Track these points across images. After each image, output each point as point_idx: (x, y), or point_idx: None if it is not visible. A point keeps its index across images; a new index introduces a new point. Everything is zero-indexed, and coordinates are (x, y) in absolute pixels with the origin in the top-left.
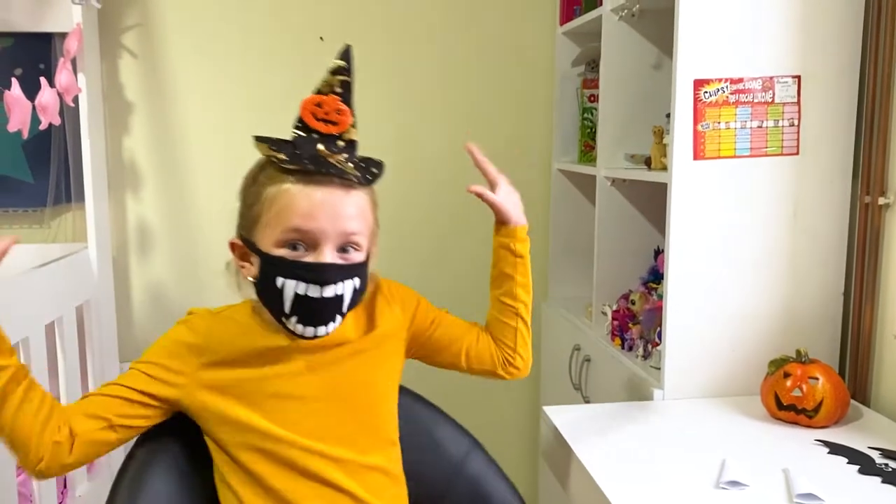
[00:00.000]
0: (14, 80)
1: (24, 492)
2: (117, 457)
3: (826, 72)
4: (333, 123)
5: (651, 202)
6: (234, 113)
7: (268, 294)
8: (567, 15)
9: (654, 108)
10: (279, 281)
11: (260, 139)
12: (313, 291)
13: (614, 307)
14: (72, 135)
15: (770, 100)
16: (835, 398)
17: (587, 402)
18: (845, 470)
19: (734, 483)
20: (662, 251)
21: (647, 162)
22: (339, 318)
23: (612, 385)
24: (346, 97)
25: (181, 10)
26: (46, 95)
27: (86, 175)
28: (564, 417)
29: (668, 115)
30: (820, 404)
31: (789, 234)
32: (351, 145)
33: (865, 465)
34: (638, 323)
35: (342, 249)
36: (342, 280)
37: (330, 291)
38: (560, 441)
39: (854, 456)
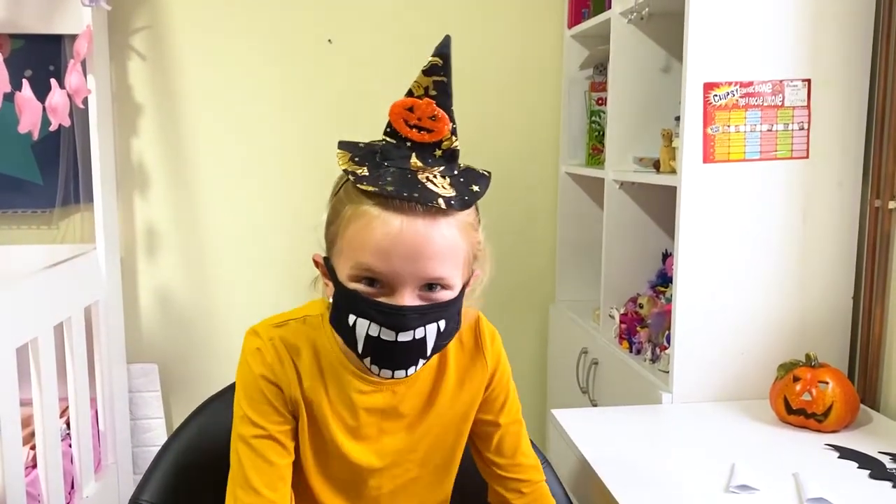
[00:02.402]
0: (25, 82)
1: (32, 492)
2: (125, 457)
3: (836, 75)
4: (428, 131)
5: (660, 205)
6: (242, 114)
7: (341, 328)
8: (575, 18)
9: (663, 111)
10: (352, 318)
11: (344, 146)
12: (387, 335)
13: (622, 310)
14: (81, 136)
15: (780, 103)
16: (844, 402)
17: (595, 405)
18: (856, 475)
19: (744, 487)
20: (671, 254)
21: (656, 165)
22: (421, 361)
23: (619, 388)
24: (443, 101)
25: (190, 12)
26: (57, 97)
27: (94, 176)
28: (573, 421)
29: (678, 118)
30: (829, 409)
31: (799, 237)
32: (451, 156)
33: (876, 469)
34: (646, 326)
35: (427, 287)
36: (423, 325)
37: (407, 336)
38: (569, 444)
39: (864, 461)
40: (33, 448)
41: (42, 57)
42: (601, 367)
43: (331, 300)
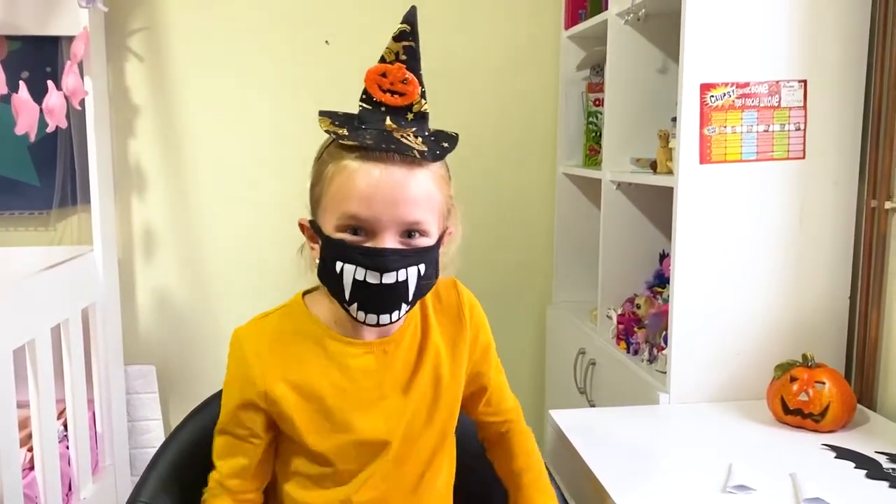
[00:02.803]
0: (22, 83)
1: (29, 494)
2: (123, 459)
3: (832, 76)
4: (400, 94)
5: (657, 206)
6: (240, 115)
7: (329, 279)
8: (572, 19)
9: (660, 112)
10: (339, 266)
11: (324, 114)
12: (372, 278)
13: (619, 311)
14: (78, 138)
15: (776, 104)
16: (841, 402)
17: (592, 405)
18: (852, 474)
19: (741, 487)
20: (668, 255)
21: (653, 166)
22: (404, 306)
23: (617, 389)
24: (413, 65)
25: (187, 13)
26: (53, 98)
27: (92, 178)
28: (570, 421)
29: (674, 119)
30: (826, 409)
31: (795, 238)
32: (422, 118)
33: (873, 469)
34: (643, 327)
35: (407, 234)
36: (404, 267)
37: (390, 278)
38: (566, 445)
39: (861, 460)
40: (30, 450)
41: (39, 59)
42: (599, 368)
43: (318, 261)
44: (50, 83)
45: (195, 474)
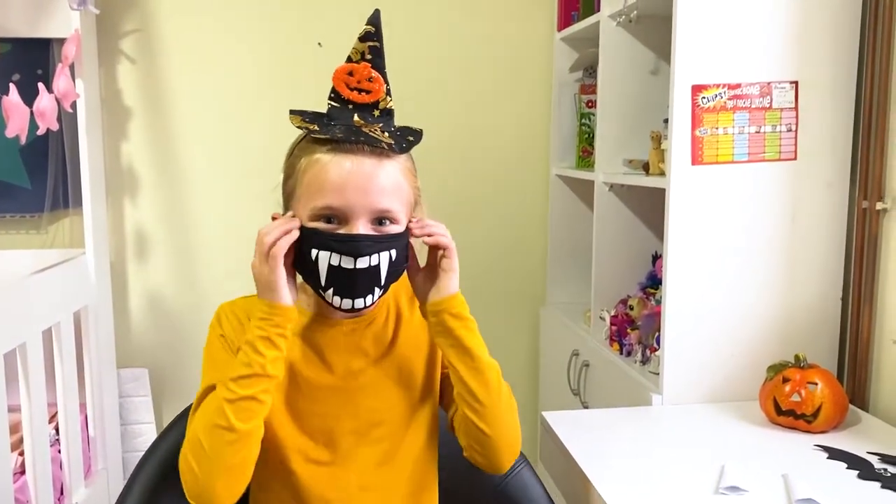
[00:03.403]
0: (12, 86)
1: (21, 498)
2: (115, 462)
3: (823, 77)
4: (367, 92)
5: (649, 207)
6: (232, 118)
7: (305, 267)
8: (565, 20)
9: (652, 114)
10: (314, 253)
11: (294, 112)
12: (346, 263)
13: (613, 312)
14: (70, 140)
15: (768, 105)
16: (833, 403)
17: (586, 407)
18: (844, 475)
19: (734, 488)
20: (661, 256)
21: (646, 167)
22: (377, 290)
23: (610, 390)
24: (378, 63)
25: (179, 16)
26: (44, 101)
27: (83, 180)
28: (563, 423)
29: (666, 121)
30: (819, 409)
31: (787, 239)
32: (387, 114)
33: (864, 470)
34: (636, 328)
35: (377, 221)
36: (377, 252)
37: (363, 263)
38: (559, 446)
39: (853, 461)
40: (22, 454)
41: (30, 61)
42: (592, 369)
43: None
44: (41, 86)
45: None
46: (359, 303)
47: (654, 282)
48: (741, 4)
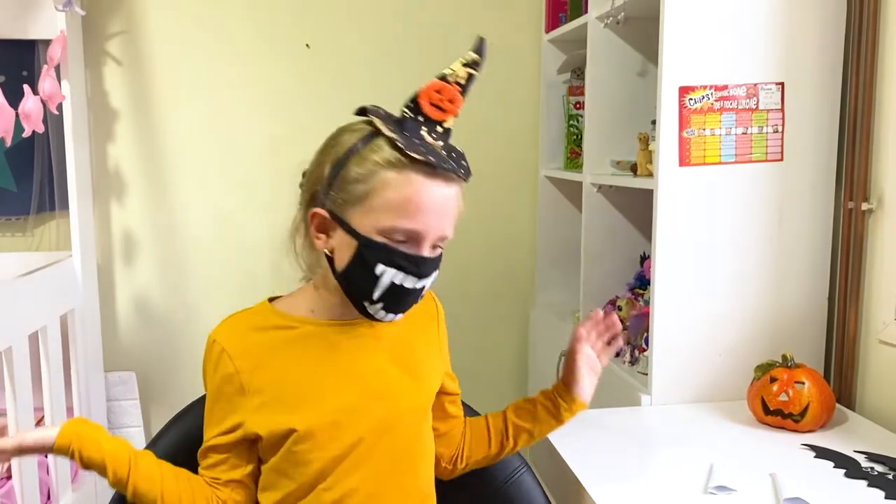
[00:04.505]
0: None
1: (7, 503)
2: None
3: (809, 79)
4: (443, 111)
5: (637, 208)
6: (219, 119)
7: (356, 276)
8: (553, 22)
9: (640, 115)
10: (380, 268)
11: (373, 111)
12: (409, 283)
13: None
14: (56, 142)
15: (754, 106)
16: (821, 402)
17: None
18: (832, 474)
19: (722, 488)
20: (649, 257)
21: (633, 168)
22: (412, 305)
23: (599, 391)
24: (467, 89)
25: (166, 17)
26: (30, 103)
27: (70, 183)
28: None
29: (654, 122)
30: (806, 409)
31: (774, 239)
32: (447, 133)
33: (851, 468)
34: (625, 329)
35: (434, 244)
36: (432, 273)
37: (421, 283)
38: (548, 446)
39: (840, 460)
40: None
41: (15, 62)
42: None
43: (327, 252)
44: (26, 87)
45: None
46: (399, 317)
47: (642, 282)
48: (728, 6)
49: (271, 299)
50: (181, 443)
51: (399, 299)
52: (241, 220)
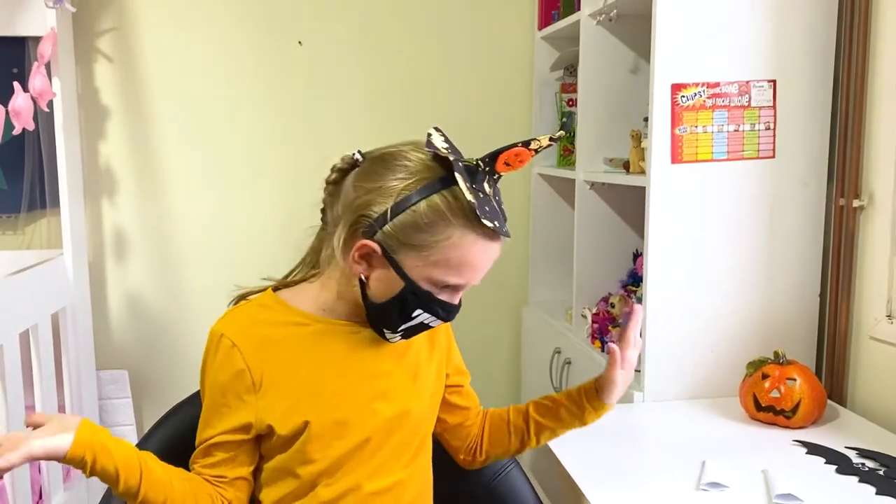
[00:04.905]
0: None
1: None
2: None
3: (801, 76)
4: (509, 166)
5: (630, 205)
6: (211, 116)
7: (390, 312)
8: (545, 19)
9: (632, 113)
10: (417, 311)
11: (456, 168)
12: (435, 323)
13: (594, 310)
14: (46, 140)
15: (746, 104)
16: (812, 399)
17: None
18: (823, 470)
19: (714, 484)
20: (641, 254)
21: (626, 166)
22: None
23: None
24: (533, 153)
25: (157, 13)
26: (20, 100)
27: (61, 181)
28: None
29: (646, 119)
30: (798, 405)
31: (766, 236)
32: (497, 181)
33: (843, 464)
34: (618, 325)
35: None
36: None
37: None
38: None
39: (831, 456)
40: None
41: (5, 59)
42: (574, 367)
43: (363, 277)
44: (16, 84)
45: None
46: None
47: (635, 279)
48: (720, 4)
49: (275, 288)
50: (171, 441)
51: (417, 332)
52: (233, 217)
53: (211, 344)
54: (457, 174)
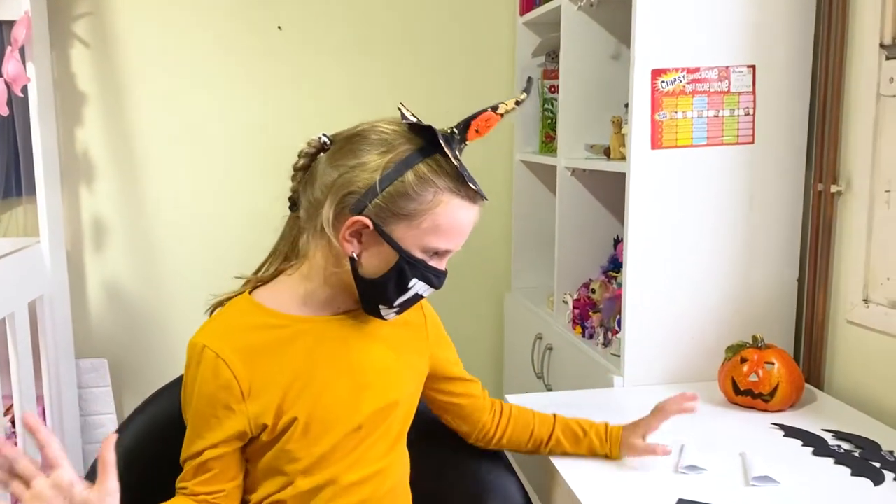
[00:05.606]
0: None
1: None
2: (75, 455)
3: (780, 62)
4: (478, 133)
5: (611, 192)
6: (190, 102)
7: (387, 286)
8: (527, 5)
9: (614, 99)
10: (413, 281)
11: (444, 139)
12: (427, 292)
13: (575, 296)
14: (21, 126)
15: (726, 89)
16: (790, 382)
17: (549, 390)
18: (800, 452)
19: (692, 468)
20: (622, 240)
21: (607, 152)
22: None
23: (573, 373)
24: (500, 118)
25: None
26: None
27: (37, 167)
28: (527, 405)
29: (627, 105)
30: (776, 389)
31: (745, 222)
32: (464, 147)
33: (819, 447)
34: (598, 311)
35: None
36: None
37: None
38: None
39: (808, 438)
40: None
41: None
42: (555, 353)
43: (356, 255)
44: None
45: (143, 470)
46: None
47: (615, 265)
48: None
49: (251, 290)
50: (150, 428)
51: (410, 304)
52: (212, 204)
53: (193, 356)
54: (441, 141)
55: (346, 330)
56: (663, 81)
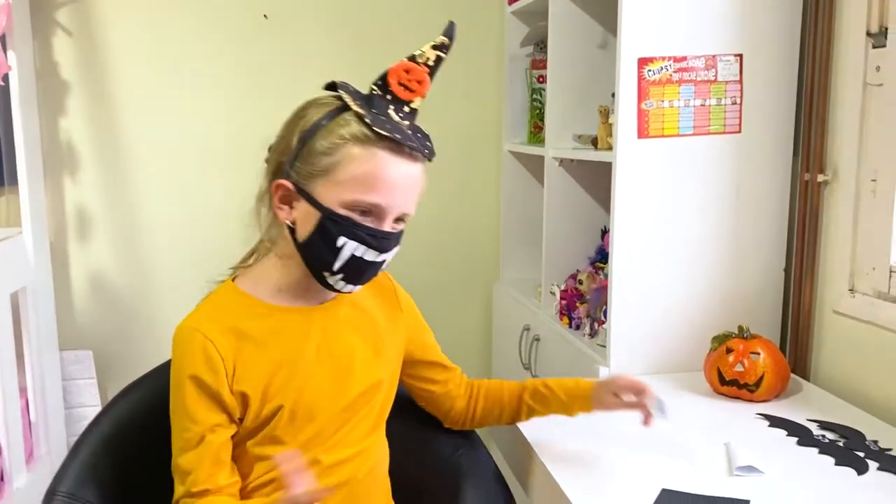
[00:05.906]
0: None
1: None
2: (59, 447)
3: (767, 50)
4: (411, 91)
5: (598, 182)
6: (175, 92)
7: (317, 247)
8: None
9: (601, 88)
10: (341, 240)
11: (343, 88)
12: (370, 256)
13: (563, 287)
14: (3, 115)
15: (713, 78)
16: (775, 373)
17: None
18: (784, 442)
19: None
20: (609, 230)
21: (594, 142)
22: (371, 278)
23: (560, 364)
24: (434, 71)
25: None
26: None
27: (19, 157)
28: None
29: (614, 95)
30: (761, 379)
31: (732, 211)
32: (413, 113)
33: (804, 436)
34: (585, 302)
35: (398, 219)
36: (393, 248)
37: (382, 257)
38: None
39: (793, 428)
40: None
41: None
42: (543, 344)
43: (289, 223)
44: None
45: (124, 458)
46: (358, 288)
47: (603, 256)
48: None
49: (233, 278)
50: (132, 414)
51: (359, 271)
52: (197, 194)
53: (180, 339)
54: (341, 91)
55: (326, 319)
56: (650, 70)
